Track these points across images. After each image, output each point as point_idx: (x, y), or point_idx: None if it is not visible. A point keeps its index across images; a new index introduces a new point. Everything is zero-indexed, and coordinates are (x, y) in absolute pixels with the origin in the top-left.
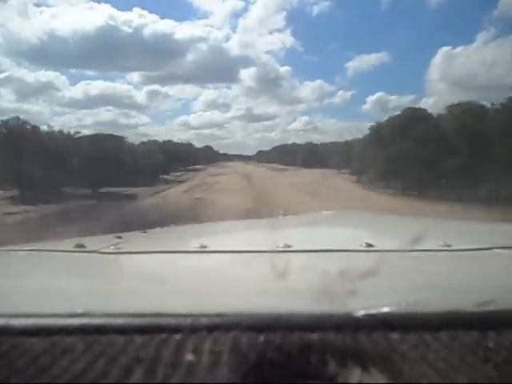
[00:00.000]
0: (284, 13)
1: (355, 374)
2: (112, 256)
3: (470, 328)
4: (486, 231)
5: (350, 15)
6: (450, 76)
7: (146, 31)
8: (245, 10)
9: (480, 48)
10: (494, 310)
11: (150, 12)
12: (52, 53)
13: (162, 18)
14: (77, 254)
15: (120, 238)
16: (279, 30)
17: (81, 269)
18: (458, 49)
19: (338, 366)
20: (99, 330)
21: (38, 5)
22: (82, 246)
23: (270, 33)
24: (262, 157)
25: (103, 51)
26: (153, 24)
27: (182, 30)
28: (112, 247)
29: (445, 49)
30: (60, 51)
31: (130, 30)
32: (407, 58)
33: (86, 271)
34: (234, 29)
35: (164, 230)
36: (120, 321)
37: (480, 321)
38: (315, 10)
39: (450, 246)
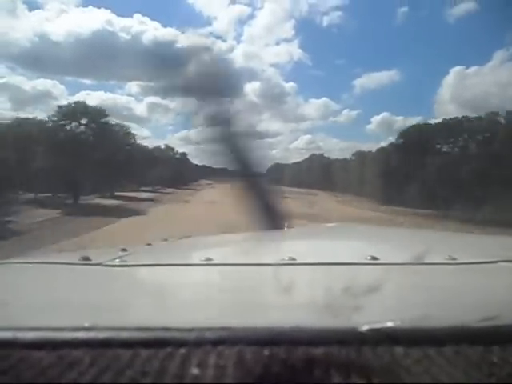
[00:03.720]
0: (292, 21)
1: None
2: (117, 269)
3: (474, 343)
4: (491, 244)
5: (361, 28)
6: (461, 97)
7: (146, 38)
8: (251, 16)
9: (496, 67)
10: (499, 324)
11: (152, 19)
12: (45, 58)
13: (164, 24)
14: (82, 266)
15: (125, 250)
16: (287, 40)
17: (86, 282)
18: (472, 68)
19: (343, 380)
20: (105, 343)
21: (29, 6)
22: (87, 258)
23: (277, 43)
24: (287, 175)
25: (100, 58)
26: (154, 31)
27: (184, 39)
28: (117, 260)
29: (458, 68)
30: (54, 56)
31: (129, 37)
32: (418, 76)
33: (92, 284)
34: (238, 37)
35: (169, 243)
36: (126, 335)
37: (484, 335)
38: (325, 20)
39: (455, 259)
